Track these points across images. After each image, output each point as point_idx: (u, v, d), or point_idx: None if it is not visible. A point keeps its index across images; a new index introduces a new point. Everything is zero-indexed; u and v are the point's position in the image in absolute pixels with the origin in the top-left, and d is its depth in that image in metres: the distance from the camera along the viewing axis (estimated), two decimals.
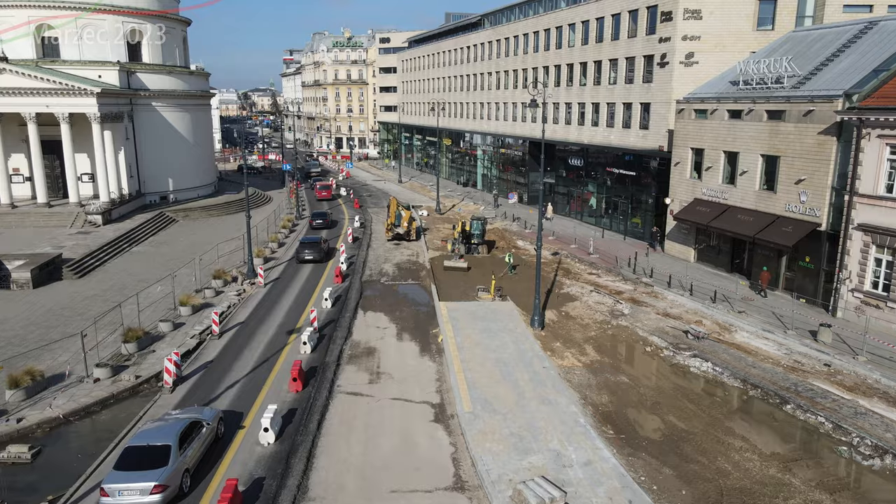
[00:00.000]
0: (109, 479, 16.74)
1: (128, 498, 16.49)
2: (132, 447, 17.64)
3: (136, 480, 16.60)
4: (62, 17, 55.93)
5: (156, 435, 18.05)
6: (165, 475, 16.89)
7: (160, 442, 17.62)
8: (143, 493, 16.51)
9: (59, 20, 56.12)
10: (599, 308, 35.21)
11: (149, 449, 17.42)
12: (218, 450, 19.85)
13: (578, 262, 45.25)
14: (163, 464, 17.05)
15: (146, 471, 16.81)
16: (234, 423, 21.48)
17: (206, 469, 18.83)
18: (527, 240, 52.66)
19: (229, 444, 20.34)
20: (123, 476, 16.75)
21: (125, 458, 17.27)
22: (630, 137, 52.01)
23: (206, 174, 68.42)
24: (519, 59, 69.46)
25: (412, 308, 34.44)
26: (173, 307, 32.45)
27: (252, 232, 47.00)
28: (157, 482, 16.62)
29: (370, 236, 53.03)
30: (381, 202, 72.75)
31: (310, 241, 44.79)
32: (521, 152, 71.35)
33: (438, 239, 52.77)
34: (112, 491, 16.49)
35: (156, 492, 16.56)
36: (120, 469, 16.99)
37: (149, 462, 17.04)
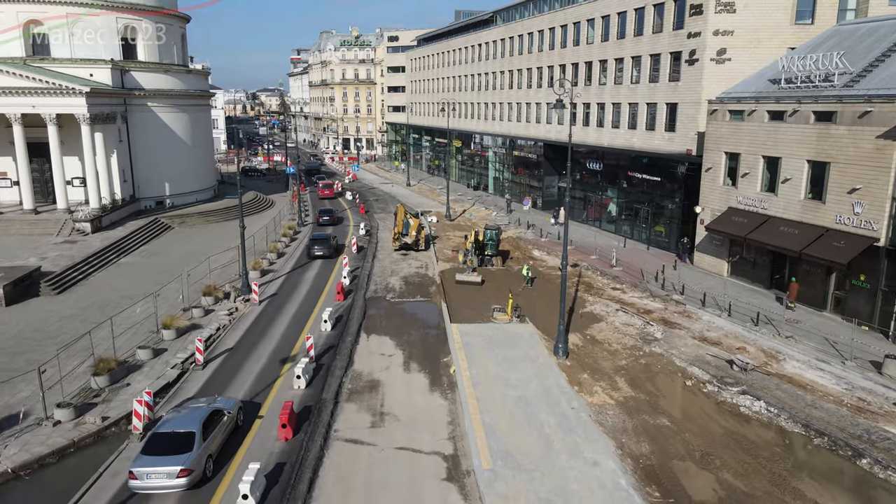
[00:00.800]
0: (137, 464, 17.40)
1: (155, 481, 17.20)
2: (158, 433, 18.39)
3: (163, 465, 17.29)
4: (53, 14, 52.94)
5: (180, 422, 18.80)
6: (191, 460, 17.58)
7: (185, 429, 18.33)
8: (169, 477, 17.22)
9: (49, 17, 53.17)
10: (628, 331, 31.75)
11: (174, 435, 18.10)
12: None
13: (601, 276, 41.78)
14: (188, 449, 17.74)
15: (172, 455, 17.48)
16: (209, 489, 18.23)
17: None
18: (543, 249, 49.22)
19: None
20: (151, 460, 17.43)
21: (152, 444, 18.00)
22: (654, 140, 48.49)
23: (206, 178, 65.35)
24: (533, 58, 66.01)
25: (421, 331, 31.07)
26: (156, 330, 29.20)
27: (250, 242, 43.97)
28: (184, 466, 17.33)
29: (376, 245, 49.72)
30: (389, 207, 69.47)
31: (320, 238, 46.63)
32: (535, 155, 67.89)
33: (449, 248, 49.40)
34: (140, 474, 17.17)
35: (182, 475, 17.27)
36: (147, 454, 17.68)
37: (174, 447, 17.70)
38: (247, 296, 35.07)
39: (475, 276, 39.96)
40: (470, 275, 40.13)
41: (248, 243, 44.21)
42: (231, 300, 34.46)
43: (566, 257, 28.40)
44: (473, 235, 42.69)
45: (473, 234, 42.95)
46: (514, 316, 32.78)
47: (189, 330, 29.69)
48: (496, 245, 43.40)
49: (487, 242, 43.11)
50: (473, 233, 43.00)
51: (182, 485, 17.38)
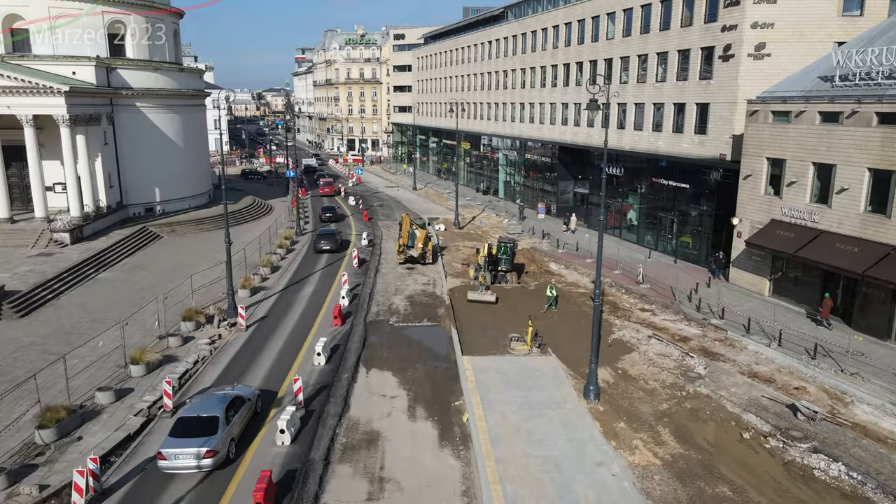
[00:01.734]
0: (166, 445, 18.24)
1: (183, 461, 18.04)
2: (184, 417, 19.19)
3: (190, 446, 18.07)
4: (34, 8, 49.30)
5: (205, 407, 19.68)
6: (215, 442, 18.36)
7: (209, 413, 19.16)
8: (196, 458, 18.02)
9: (31, 11, 49.54)
10: (665, 363, 27.74)
11: (199, 419, 18.89)
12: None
13: (626, 294, 37.79)
14: (212, 432, 18.54)
15: (198, 438, 18.24)
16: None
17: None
18: (561, 262, 45.22)
19: None
20: (178, 442, 18.20)
21: (179, 427, 18.75)
22: (682, 143, 44.43)
23: (200, 182, 61.62)
24: (547, 55, 62.00)
25: (428, 364, 27.10)
26: (124, 363, 25.36)
27: (241, 255, 40.22)
28: (209, 448, 18.13)
29: (379, 258, 45.80)
30: (394, 213, 65.55)
31: (326, 233, 48.97)
32: (548, 158, 63.89)
33: (458, 261, 45.45)
34: (169, 455, 18.02)
35: (208, 456, 18.09)
36: (174, 436, 18.45)
37: (200, 430, 18.47)
38: (233, 319, 31.21)
39: (489, 295, 36.08)
40: (483, 293, 36.23)
41: (240, 256, 40.61)
42: (215, 325, 30.58)
43: (599, 285, 24.32)
44: (486, 249, 38.71)
45: (486, 247, 38.94)
46: (535, 345, 28.84)
47: (162, 364, 25.83)
48: (511, 260, 39.42)
49: (501, 257, 39.12)
50: (486, 246, 38.99)
51: (208, 465, 18.21)
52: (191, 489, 18.06)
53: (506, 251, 39.13)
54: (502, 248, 39.26)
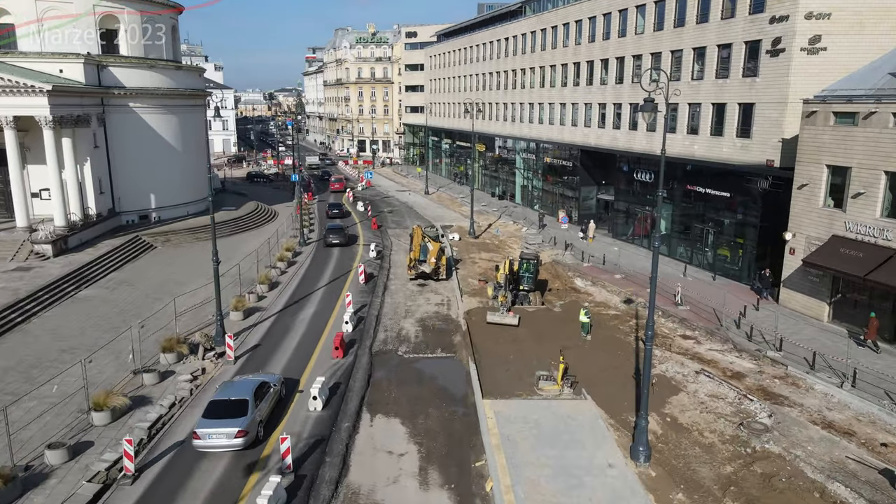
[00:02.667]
0: (200, 426, 19.54)
1: (216, 440, 19.30)
2: (216, 401, 20.42)
3: (223, 426, 19.28)
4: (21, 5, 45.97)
5: (234, 391, 20.96)
6: (246, 423, 19.55)
7: (239, 396, 20.47)
8: (228, 437, 19.26)
9: (17, 6, 46.18)
10: (720, 408, 23.68)
11: (230, 402, 20.19)
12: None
13: (664, 318, 33.70)
14: (243, 414, 19.79)
15: (230, 419, 19.45)
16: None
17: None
18: (587, 278, 41.16)
19: None
20: (211, 423, 19.48)
21: (211, 410, 20.00)
22: (722, 148, 40.28)
23: (199, 187, 57.95)
24: (569, 52, 57.93)
25: (443, 409, 23.15)
26: (86, 409, 21.62)
27: (238, 268, 36.53)
28: (241, 428, 19.33)
29: (388, 272, 41.94)
30: (405, 220, 61.73)
31: (335, 228, 52.01)
32: (569, 162, 59.80)
33: (475, 276, 41.51)
34: (203, 434, 19.29)
35: (239, 436, 19.31)
36: (207, 418, 19.72)
37: (230, 412, 19.72)
38: (220, 349, 27.45)
39: (510, 317, 32.19)
40: (504, 315, 32.34)
41: (236, 270, 36.92)
42: (199, 356, 26.81)
43: (652, 324, 20.22)
44: (506, 266, 34.71)
45: (506, 263, 34.93)
46: (566, 384, 24.85)
47: (132, 409, 22.06)
48: (534, 278, 35.39)
49: (523, 275, 35.12)
50: (506, 262, 34.98)
51: (239, 444, 19.31)
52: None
53: (528, 269, 35.13)
54: (524, 265, 35.26)
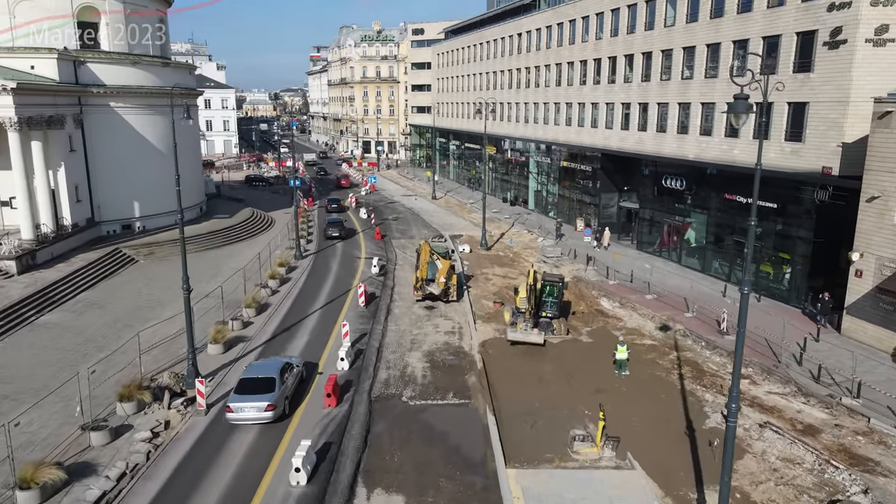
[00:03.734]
0: (232, 400, 21.36)
1: (248, 413, 21.08)
2: (246, 378, 22.21)
3: (254, 401, 21.09)
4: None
5: (262, 370, 22.86)
6: (274, 398, 21.25)
7: (267, 375, 22.21)
8: (259, 410, 21.04)
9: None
10: (797, 477, 19.20)
11: (259, 380, 21.92)
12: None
13: (708, 349, 29.25)
14: (271, 390, 21.48)
15: (260, 395, 21.24)
16: None
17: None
18: (614, 299, 36.71)
19: None
20: (242, 398, 21.26)
21: (242, 386, 21.79)
22: (767, 152, 35.62)
23: (189, 193, 53.60)
24: (589, 48, 53.42)
25: (457, 479, 18.66)
26: (11, 485, 17.27)
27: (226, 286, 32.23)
28: (270, 402, 21.08)
29: (392, 292, 37.55)
30: (411, 230, 57.35)
31: (334, 221, 54.96)
32: (589, 166, 55.26)
33: (488, 295, 37.13)
34: (236, 408, 21.12)
35: (269, 409, 21.06)
36: (239, 393, 21.49)
37: (260, 389, 21.47)
38: (192, 393, 23.10)
39: (535, 335, 28.13)
40: (528, 332, 28.23)
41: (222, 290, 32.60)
42: (164, 404, 22.44)
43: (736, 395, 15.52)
44: (527, 289, 30.26)
45: (527, 286, 30.46)
46: (605, 443, 20.40)
47: (70, 483, 17.71)
48: (558, 303, 30.91)
49: (546, 300, 30.64)
50: (527, 285, 30.51)
51: (269, 417, 21.12)
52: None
53: (552, 292, 30.65)
54: (548, 288, 30.76)
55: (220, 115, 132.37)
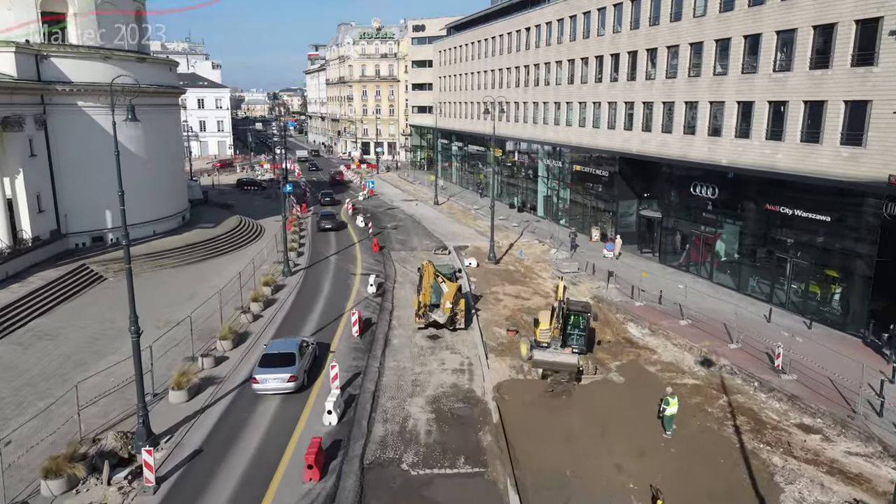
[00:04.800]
0: (257, 373, 23.46)
1: (272, 384, 23.23)
2: (268, 354, 24.36)
3: (277, 373, 23.30)
4: None
5: (282, 346, 25.07)
6: (295, 370, 23.52)
7: (287, 350, 24.46)
8: (282, 381, 23.25)
9: None
10: None
11: (280, 355, 24.15)
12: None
13: (763, 392, 24.77)
14: (291, 363, 23.72)
15: (282, 367, 23.47)
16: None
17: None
18: (643, 324, 32.23)
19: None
20: (266, 371, 23.38)
21: (265, 361, 23.90)
22: (819, 157, 31.27)
23: (170, 201, 49.33)
24: (606, 42, 48.93)
25: None
26: None
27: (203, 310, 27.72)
28: (292, 374, 23.36)
29: (390, 317, 33.05)
30: (411, 240, 52.85)
31: (327, 214, 58.57)
32: (605, 170, 50.76)
33: (501, 321, 32.62)
34: (261, 379, 23.20)
35: (291, 380, 23.30)
36: (262, 367, 23.58)
37: (281, 362, 23.69)
38: (135, 466, 18.55)
39: (566, 355, 24.00)
40: (558, 352, 24.13)
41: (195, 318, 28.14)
42: (103, 478, 17.90)
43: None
44: (551, 320, 25.72)
45: (551, 317, 25.89)
46: None
47: None
48: (585, 336, 26.38)
49: (571, 333, 26.11)
50: (551, 315, 25.93)
51: (291, 388, 23.29)
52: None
53: (578, 324, 26.10)
54: (572, 318, 26.21)
55: (213, 116, 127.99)
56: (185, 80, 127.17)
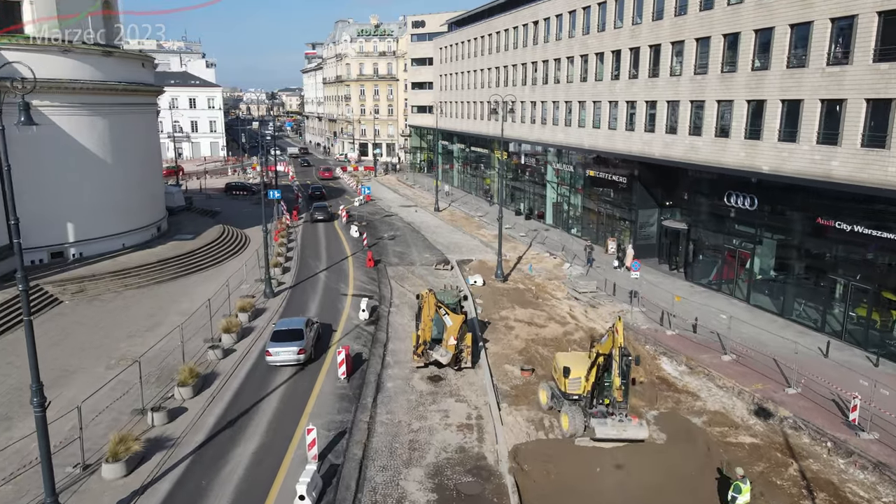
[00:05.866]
0: (269, 346, 25.90)
1: (284, 356, 25.71)
2: (279, 330, 26.65)
3: (288, 346, 25.75)
4: None
5: (290, 324, 27.42)
6: (304, 344, 26.02)
7: (295, 327, 26.82)
8: (292, 353, 25.65)
9: None
10: None
11: (289, 331, 26.50)
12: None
13: (841, 457, 20.09)
14: (301, 338, 26.11)
15: (291, 341, 25.91)
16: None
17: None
18: (678, 359, 27.59)
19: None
20: (279, 345, 25.81)
21: (276, 336, 26.23)
22: (888, 167, 26.65)
23: (142, 210, 44.61)
24: (624, 35, 44.29)
25: None
26: None
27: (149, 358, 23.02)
28: (301, 347, 25.82)
29: (385, 351, 28.38)
30: (411, 252, 48.21)
31: (320, 206, 62.08)
32: (622, 176, 46.14)
33: (512, 355, 27.97)
34: (274, 352, 25.66)
35: (300, 353, 25.72)
36: (274, 341, 25.98)
37: (291, 337, 26.09)
38: None
39: (635, 427, 19.73)
40: (624, 423, 19.64)
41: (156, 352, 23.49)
42: None
43: None
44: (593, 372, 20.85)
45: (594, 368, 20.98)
46: None
47: None
48: (627, 389, 21.39)
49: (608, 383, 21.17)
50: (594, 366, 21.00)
51: (301, 359, 25.80)
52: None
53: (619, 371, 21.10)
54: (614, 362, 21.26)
55: (206, 116, 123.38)
56: (175, 79, 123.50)
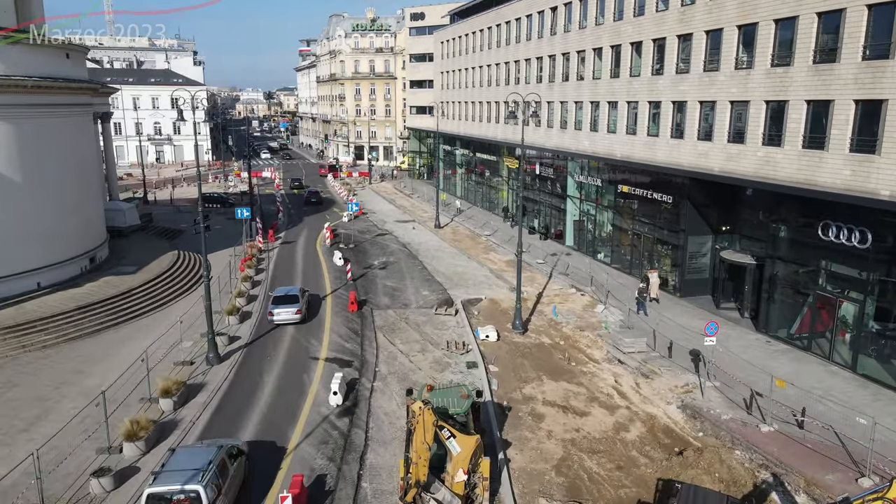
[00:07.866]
0: (272, 308, 31.56)
1: (285, 315, 31.27)
2: (278, 295, 32.40)
3: (287, 308, 31.44)
4: None
5: (287, 290, 33.22)
6: (300, 306, 31.73)
7: (292, 293, 32.65)
8: (291, 313, 31.31)
9: None
10: None
11: (287, 295, 32.28)
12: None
13: None
14: (296, 302, 31.79)
15: (290, 304, 31.59)
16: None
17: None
18: (789, 478, 18.70)
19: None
20: (279, 307, 31.40)
21: (276, 300, 31.93)
22: None
23: (69, 239, 35.43)
24: (670, 19, 35.43)
25: None
26: None
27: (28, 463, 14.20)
28: (298, 308, 31.52)
29: (359, 473, 19.37)
30: (405, 289, 39.11)
31: (313, 193, 73.01)
32: (667, 196, 37.26)
33: (547, 473, 19.12)
34: (276, 313, 31.23)
35: (297, 313, 31.40)
36: (275, 304, 31.57)
37: (289, 301, 31.78)
38: None
39: None
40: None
41: (42, 455, 14.58)
42: None
43: None
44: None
45: None
46: None
47: None
48: None
49: None
50: None
51: (298, 318, 31.45)
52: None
53: None
54: None
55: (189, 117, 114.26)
56: (157, 78, 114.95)
